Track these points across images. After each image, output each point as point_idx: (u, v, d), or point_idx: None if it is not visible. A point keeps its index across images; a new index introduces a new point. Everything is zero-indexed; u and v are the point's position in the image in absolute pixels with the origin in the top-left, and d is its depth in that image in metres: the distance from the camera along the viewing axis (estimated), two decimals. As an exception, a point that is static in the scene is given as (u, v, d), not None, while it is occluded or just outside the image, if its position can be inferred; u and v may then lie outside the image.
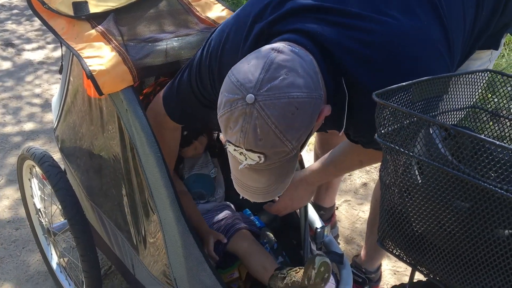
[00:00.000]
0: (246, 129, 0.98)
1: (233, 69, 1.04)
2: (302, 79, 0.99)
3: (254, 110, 0.96)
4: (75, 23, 1.56)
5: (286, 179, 1.13)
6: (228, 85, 1.01)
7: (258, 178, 1.08)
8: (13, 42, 4.78)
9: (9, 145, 3.15)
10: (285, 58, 1.00)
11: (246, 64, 1.01)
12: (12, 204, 2.64)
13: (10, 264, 2.26)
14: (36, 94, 3.81)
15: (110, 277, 2.18)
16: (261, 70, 0.98)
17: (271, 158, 1.02)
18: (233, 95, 0.99)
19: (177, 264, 1.44)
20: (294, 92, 0.97)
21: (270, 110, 0.96)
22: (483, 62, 1.51)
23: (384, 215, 1.04)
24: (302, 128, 1.01)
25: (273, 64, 0.99)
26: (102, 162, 1.66)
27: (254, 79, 0.97)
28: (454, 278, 0.92)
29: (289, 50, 1.02)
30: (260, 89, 0.96)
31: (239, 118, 0.98)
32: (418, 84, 1.01)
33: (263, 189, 1.12)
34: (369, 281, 2.04)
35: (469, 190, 0.83)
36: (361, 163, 1.59)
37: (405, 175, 0.94)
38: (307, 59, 1.04)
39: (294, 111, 0.97)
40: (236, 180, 1.15)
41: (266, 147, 0.99)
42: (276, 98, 0.96)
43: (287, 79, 0.97)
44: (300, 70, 1.00)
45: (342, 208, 2.63)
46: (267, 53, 1.01)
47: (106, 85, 1.39)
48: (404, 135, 0.95)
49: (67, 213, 1.71)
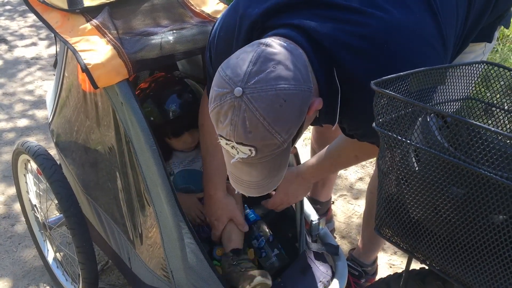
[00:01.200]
0: (236, 122, 0.99)
1: (223, 64, 1.05)
2: (290, 71, 1.00)
3: (242, 103, 0.98)
4: (69, 16, 1.55)
5: (279, 173, 1.13)
6: (218, 80, 1.03)
7: (251, 171, 1.09)
8: (5, 38, 4.76)
9: (2, 142, 3.14)
10: (273, 51, 1.01)
11: (235, 59, 1.03)
12: (7, 200, 2.63)
13: (6, 260, 2.26)
14: (29, 91, 3.79)
15: (107, 272, 2.18)
16: (249, 63, 0.99)
17: (262, 151, 1.03)
18: (222, 89, 1.00)
19: (173, 256, 1.44)
20: (281, 84, 0.98)
21: (258, 102, 0.97)
22: (476, 55, 1.51)
23: (381, 202, 1.05)
24: (291, 120, 1.02)
25: (261, 57, 1.00)
26: (97, 156, 1.65)
27: (242, 73, 0.99)
28: (450, 264, 0.93)
29: (277, 44, 1.03)
30: (248, 82, 0.98)
31: (228, 111, 0.99)
32: (416, 74, 1.02)
33: (256, 183, 1.12)
34: (365, 274, 2.05)
35: (464, 176, 0.84)
36: (356, 159, 1.60)
37: (402, 162, 0.95)
38: (296, 53, 1.05)
39: (282, 103, 0.98)
40: (231, 175, 1.16)
41: (256, 139, 1.01)
42: (263, 90, 0.98)
43: (275, 72, 0.98)
44: (288, 63, 1.01)
45: (338, 203, 2.64)
46: (255, 47, 1.02)
47: (101, 78, 1.39)
48: (401, 124, 0.96)
49: (62, 205, 1.71)
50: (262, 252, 1.67)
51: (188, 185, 1.81)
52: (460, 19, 1.27)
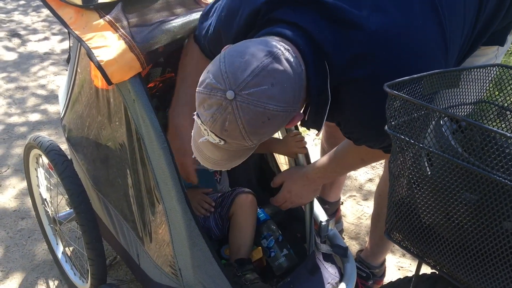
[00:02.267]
0: (217, 117, 1.02)
1: (227, 55, 1.04)
2: (285, 93, 1.02)
3: (229, 106, 1.00)
4: (83, 12, 1.56)
5: (238, 160, 1.18)
6: (216, 70, 1.03)
7: (214, 151, 1.13)
8: (19, 33, 4.79)
9: (15, 136, 3.16)
10: (278, 68, 1.01)
11: (240, 58, 1.02)
12: (18, 194, 2.65)
13: (16, 253, 2.27)
14: (42, 85, 3.82)
15: (115, 267, 2.19)
16: (251, 72, 0.99)
17: (230, 145, 1.08)
18: (217, 82, 1.01)
19: (182, 254, 1.44)
20: (272, 104, 1.00)
21: (244, 113, 1.00)
22: (488, 58, 1.49)
23: (392, 206, 1.04)
24: (267, 133, 1.08)
25: (264, 71, 1.00)
26: (108, 152, 1.66)
27: (240, 78, 0.99)
28: (461, 270, 0.92)
29: (284, 60, 1.03)
30: (243, 90, 0.99)
31: (213, 105, 1.02)
32: (429, 76, 1.01)
33: (214, 160, 1.17)
34: (373, 276, 2.04)
35: (478, 182, 0.83)
36: (363, 161, 1.57)
37: (415, 166, 0.94)
38: (297, 72, 1.05)
39: (265, 120, 1.02)
40: (194, 142, 1.19)
41: (228, 137, 1.05)
42: (253, 104, 0.99)
43: (271, 90, 1.00)
44: (287, 84, 1.02)
45: (347, 204, 2.63)
46: (263, 57, 1.01)
47: (115, 74, 1.39)
48: (414, 127, 0.95)
49: (73, 201, 1.72)
50: (271, 251, 1.67)
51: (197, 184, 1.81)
52: (468, 22, 1.26)
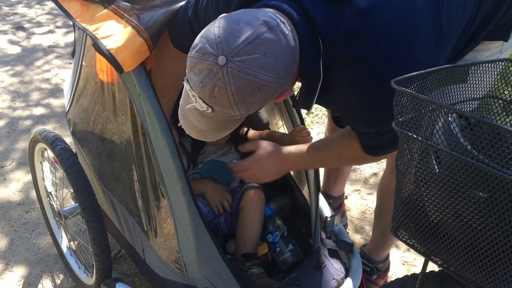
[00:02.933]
0: (206, 83, 1.02)
1: (222, 21, 1.04)
2: (277, 64, 1.02)
3: (220, 72, 1.00)
4: (89, 6, 1.55)
5: (224, 131, 1.18)
6: (209, 35, 1.03)
7: (201, 120, 1.13)
8: (23, 26, 4.78)
9: (19, 129, 3.17)
10: (272, 38, 1.01)
11: (234, 25, 1.01)
12: (22, 187, 2.65)
13: (21, 246, 2.28)
14: (46, 79, 3.82)
15: (119, 261, 2.19)
16: (245, 39, 0.99)
17: (217, 113, 1.08)
18: (209, 47, 1.01)
19: (188, 249, 1.44)
20: (262, 74, 1.00)
21: (234, 79, 1.00)
22: (492, 53, 1.48)
23: (399, 204, 1.04)
24: (255, 104, 1.07)
25: (258, 39, 1.00)
26: (113, 146, 1.66)
27: (234, 44, 0.99)
28: (470, 269, 0.92)
29: (279, 31, 1.03)
30: (235, 56, 0.99)
31: (204, 70, 1.01)
32: (437, 72, 1.00)
33: (199, 129, 1.17)
34: (377, 271, 2.04)
35: (488, 180, 0.82)
36: (339, 157, 1.46)
37: (422, 164, 0.93)
38: (291, 46, 1.05)
39: (255, 89, 1.02)
40: (181, 110, 1.19)
41: (216, 104, 1.05)
42: (244, 72, 0.99)
43: (263, 59, 1.00)
44: (280, 55, 1.02)
45: (351, 198, 2.62)
46: (257, 25, 1.01)
47: (126, 61, 1.37)
48: (422, 124, 0.94)
49: (79, 197, 1.72)
50: (276, 246, 1.66)
51: (214, 174, 1.81)
52: (467, 14, 1.25)
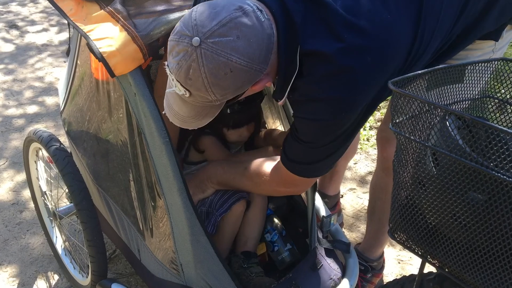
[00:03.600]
0: (182, 65, 1.05)
1: (200, 5, 1.08)
2: (250, 48, 1.04)
3: (194, 53, 1.03)
4: (83, 4, 1.53)
5: (205, 119, 1.21)
6: (187, 18, 1.07)
7: (182, 106, 1.17)
8: (17, 24, 4.75)
9: (12, 128, 3.14)
10: (246, 23, 1.04)
11: (211, 9, 1.05)
12: (16, 187, 2.63)
13: (15, 246, 2.27)
14: (40, 77, 3.79)
15: (115, 261, 2.19)
16: (218, 22, 1.03)
17: (195, 98, 1.11)
18: (186, 29, 1.05)
19: (184, 250, 1.43)
20: (235, 56, 1.03)
21: (207, 61, 1.03)
22: (484, 52, 1.48)
23: (396, 206, 1.03)
24: (230, 89, 1.09)
25: (231, 22, 1.03)
26: (109, 146, 1.65)
27: (208, 26, 1.03)
28: (468, 271, 0.92)
29: (254, 17, 1.05)
30: (208, 38, 1.02)
31: (180, 52, 1.05)
32: (434, 72, 1.00)
33: (181, 117, 1.20)
34: (372, 269, 2.04)
35: (486, 182, 0.82)
36: (244, 171, 1.51)
37: (420, 166, 0.93)
38: (267, 32, 1.07)
39: (227, 72, 1.04)
40: (166, 98, 1.22)
41: (192, 87, 1.08)
42: (216, 53, 1.02)
43: (235, 42, 1.02)
44: (253, 40, 1.04)
45: (347, 196, 2.63)
46: (232, 10, 1.04)
47: (118, 66, 1.37)
48: (418, 125, 0.94)
49: (74, 198, 1.70)
50: (274, 246, 1.66)
51: None
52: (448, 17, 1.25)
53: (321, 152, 1.26)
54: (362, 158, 2.91)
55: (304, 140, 1.23)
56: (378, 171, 1.86)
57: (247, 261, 1.55)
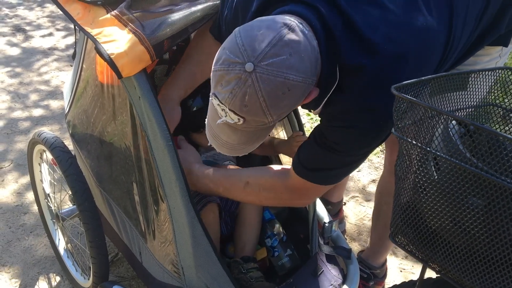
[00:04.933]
0: (236, 93, 1.02)
1: (242, 30, 1.05)
2: (303, 63, 1.02)
3: (249, 78, 1.00)
4: (90, 8, 1.55)
5: (255, 143, 1.18)
6: (232, 45, 1.03)
7: (231, 134, 1.13)
8: (23, 28, 4.79)
9: (17, 131, 3.16)
10: (294, 38, 1.02)
11: (256, 31, 1.02)
12: (20, 189, 2.65)
13: (18, 248, 2.27)
14: (45, 81, 3.82)
15: (117, 264, 2.19)
16: (268, 43, 1.00)
17: (249, 123, 1.07)
18: (234, 57, 1.01)
19: (185, 253, 1.44)
20: (291, 74, 1.00)
21: (264, 84, 1.00)
22: (492, 58, 1.48)
23: (397, 210, 1.04)
24: (287, 107, 1.07)
25: (281, 41, 1.00)
26: (112, 149, 1.66)
27: (259, 49, 1.00)
28: (467, 276, 0.92)
29: (300, 31, 1.04)
30: (262, 61, 0.99)
31: (232, 80, 1.01)
32: (437, 79, 1.00)
33: (231, 145, 1.17)
34: (374, 277, 2.03)
35: (486, 187, 0.82)
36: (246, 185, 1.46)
37: (421, 170, 0.93)
38: (312, 44, 1.06)
39: (285, 91, 1.01)
40: (210, 129, 1.19)
41: (248, 113, 1.04)
42: (273, 75, 0.99)
43: (289, 60, 1.00)
44: (304, 54, 1.02)
45: (349, 204, 2.62)
46: (279, 28, 1.02)
47: (125, 67, 1.38)
48: (421, 130, 0.94)
49: (77, 199, 1.71)
50: (274, 251, 1.66)
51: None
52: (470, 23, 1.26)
53: (347, 160, 1.24)
54: (365, 166, 2.91)
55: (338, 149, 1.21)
56: (385, 175, 1.86)
57: (246, 266, 1.55)
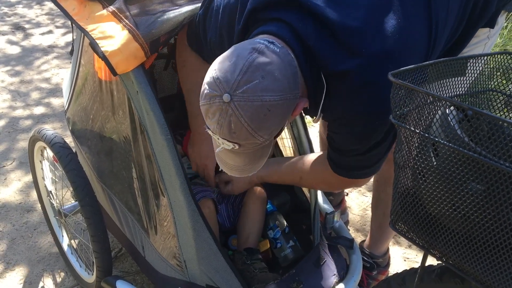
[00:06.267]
0: (222, 123, 1.06)
1: (216, 63, 1.09)
2: (277, 82, 1.04)
3: (229, 108, 1.03)
4: (86, 3, 1.55)
5: (261, 160, 1.22)
6: (210, 80, 1.07)
7: (235, 158, 1.17)
8: (23, 26, 4.79)
9: (19, 129, 3.17)
10: (264, 61, 1.04)
11: (227, 62, 1.06)
12: (23, 187, 2.65)
13: (22, 245, 2.28)
14: (46, 78, 3.82)
15: (121, 259, 2.19)
16: (239, 71, 1.03)
17: (245, 146, 1.11)
18: (213, 90, 1.05)
19: (187, 246, 1.44)
20: (267, 95, 1.03)
21: (244, 111, 1.03)
22: (480, 39, 1.48)
23: (397, 197, 1.03)
24: (274, 125, 1.09)
25: (251, 66, 1.03)
26: (112, 144, 1.66)
27: (232, 79, 1.03)
28: (468, 262, 0.92)
29: (270, 52, 1.06)
30: (236, 90, 1.02)
31: (216, 112, 1.06)
32: (435, 65, 0.99)
33: (238, 167, 1.21)
34: (377, 266, 2.03)
35: (485, 172, 0.82)
36: (300, 180, 1.59)
37: (420, 156, 0.93)
38: (286, 60, 1.08)
39: (266, 112, 1.04)
40: (216, 156, 1.23)
41: (240, 139, 1.08)
42: (250, 100, 1.02)
43: (262, 83, 1.02)
44: (278, 73, 1.05)
45: (352, 195, 2.62)
46: (247, 54, 1.05)
47: (119, 65, 1.38)
48: (419, 116, 0.94)
49: (78, 194, 1.71)
50: (277, 242, 1.66)
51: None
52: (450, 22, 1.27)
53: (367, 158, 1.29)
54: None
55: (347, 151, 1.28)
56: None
57: (250, 257, 1.55)
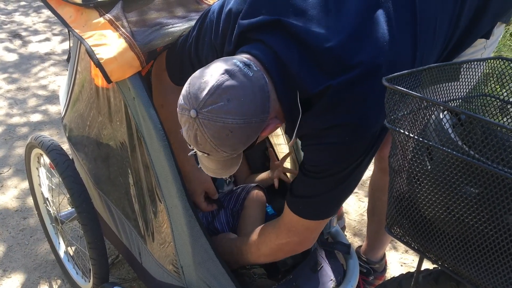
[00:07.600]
0: (190, 134, 1.14)
1: (192, 78, 1.14)
2: (243, 106, 1.08)
3: (195, 123, 1.10)
4: (83, 11, 1.55)
5: (232, 168, 1.28)
6: (184, 92, 1.14)
7: (209, 162, 1.24)
8: (20, 34, 4.80)
9: (16, 136, 3.17)
10: (233, 84, 1.07)
11: (200, 80, 1.11)
12: (20, 194, 2.65)
13: (18, 252, 2.28)
14: (43, 86, 3.82)
15: (118, 266, 2.19)
16: (207, 91, 1.08)
17: (213, 155, 1.17)
18: (184, 103, 1.12)
19: (184, 252, 1.44)
20: (229, 119, 1.08)
21: (207, 128, 1.09)
22: (476, 49, 1.48)
23: (392, 201, 1.04)
24: (238, 144, 1.14)
25: (219, 88, 1.07)
26: (109, 150, 1.66)
27: (200, 97, 1.08)
28: (463, 265, 0.92)
29: (242, 75, 1.09)
30: (203, 108, 1.08)
31: (185, 123, 1.13)
32: (429, 70, 1.00)
33: (212, 170, 1.28)
34: (374, 272, 2.03)
35: (479, 175, 0.82)
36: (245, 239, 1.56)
37: (414, 161, 0.94)
38: (257, 84, 1.10)
39: (228, 133, 1.09)
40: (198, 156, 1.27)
41: (205, 150, 1.15)
42: (213, 120, 1.08)
43: (227, 106, 1.07)
44: (243, 98, 1.08)
45: (349, 200, 2.62)
46: (219, 76, 1.09)
47: (114, 72, 1.39)
48: (413, 121, 0.94)
49: (74, 200, 1.72)
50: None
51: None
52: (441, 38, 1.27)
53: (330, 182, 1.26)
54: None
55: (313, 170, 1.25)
56: (376, 172, 1.87)
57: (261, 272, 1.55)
